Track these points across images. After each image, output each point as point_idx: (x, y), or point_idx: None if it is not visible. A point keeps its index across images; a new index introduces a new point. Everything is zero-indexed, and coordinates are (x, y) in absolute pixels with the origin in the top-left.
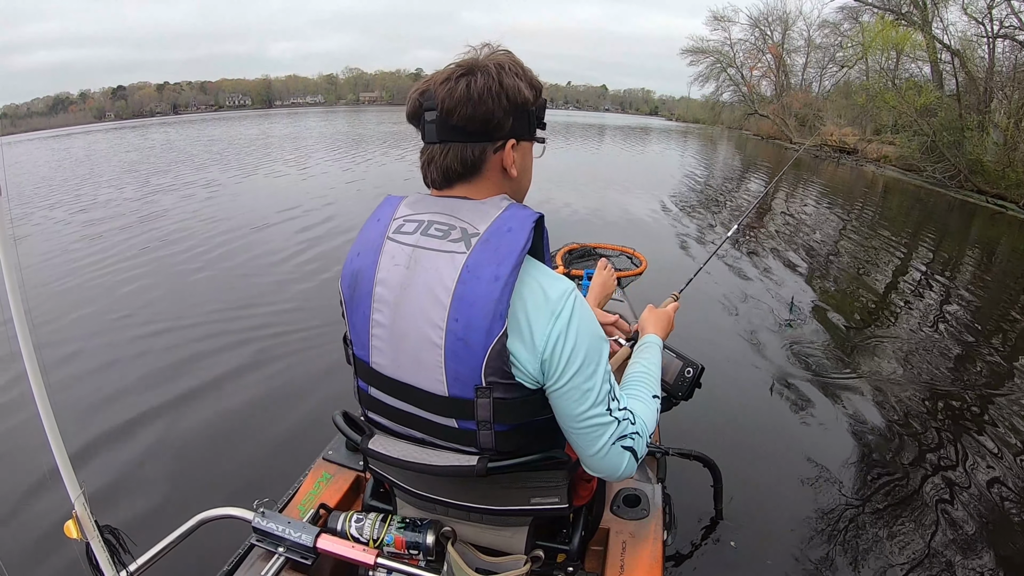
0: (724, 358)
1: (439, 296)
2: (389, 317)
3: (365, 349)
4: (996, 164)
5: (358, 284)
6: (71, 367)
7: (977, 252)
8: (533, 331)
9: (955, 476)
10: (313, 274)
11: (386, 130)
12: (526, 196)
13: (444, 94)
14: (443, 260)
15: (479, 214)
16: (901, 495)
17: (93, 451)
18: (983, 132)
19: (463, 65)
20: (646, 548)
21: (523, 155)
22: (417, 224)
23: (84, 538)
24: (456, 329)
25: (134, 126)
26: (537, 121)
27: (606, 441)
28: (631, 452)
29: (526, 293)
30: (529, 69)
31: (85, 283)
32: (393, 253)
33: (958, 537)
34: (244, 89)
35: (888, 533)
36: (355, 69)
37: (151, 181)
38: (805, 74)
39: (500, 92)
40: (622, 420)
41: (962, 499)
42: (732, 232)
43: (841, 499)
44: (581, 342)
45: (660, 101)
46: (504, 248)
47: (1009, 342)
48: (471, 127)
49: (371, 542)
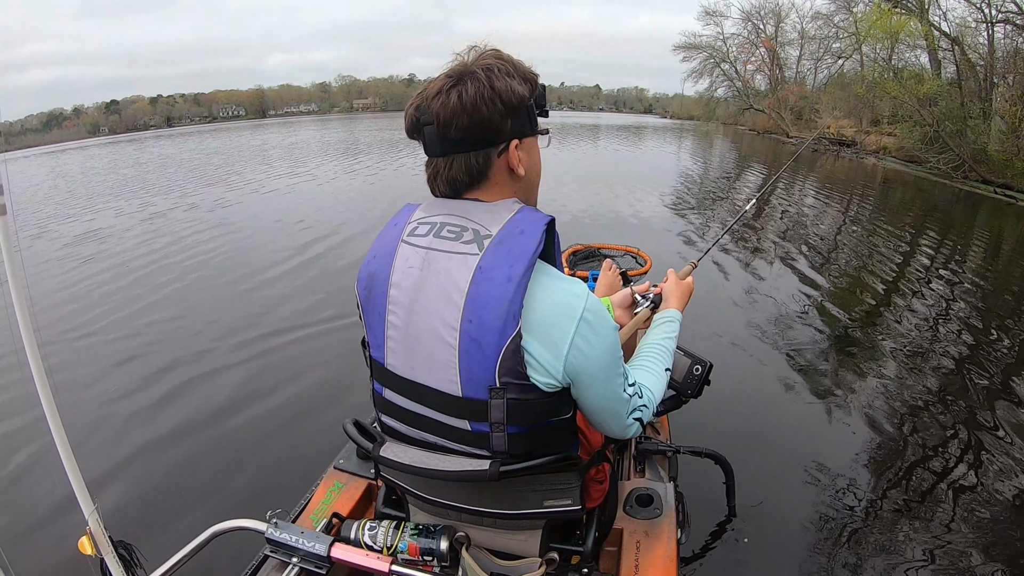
0: (732, 355)
1: (452, 297)
2: (403, 319)
3: (381, 350)
4: (1002, 153)
5: (373, 286)
6: (81, 384)
7: (984, 244)
8: (553, 334)
9: (968, 472)
10: (323, 286)
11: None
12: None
13: (438, 107)
14: (456, 261)
15: (491, 216)
16: (913, 491)
17: (105, 467)
18: (986, 120)
19: (453, 74)
20: (660, 547)
21: (528, 151)
22: (430, 226)
23: (99, 554)
24: (470, 330)
25: (129, 140)
26: (538, 111)
27: (620, 416)
28: (639, 421)
29: (542, 295)
30: (521, 63)
31: (95, 297)
32: (407, 255)
33: (972, 534)
34: (238, 100)
35: (900, 529)
36: (348, 77)
37: (150, 200)
38: (800, 67)
39: (493, 97)
40: (632, 396)
41: (976, 495)
42: (750, 206)
43: (853, 494)
44: (602, 341)
45: (654, 99)
46: (517, 250)
47: (1020, 336)
48: (471, 137)
49: (385, 550)
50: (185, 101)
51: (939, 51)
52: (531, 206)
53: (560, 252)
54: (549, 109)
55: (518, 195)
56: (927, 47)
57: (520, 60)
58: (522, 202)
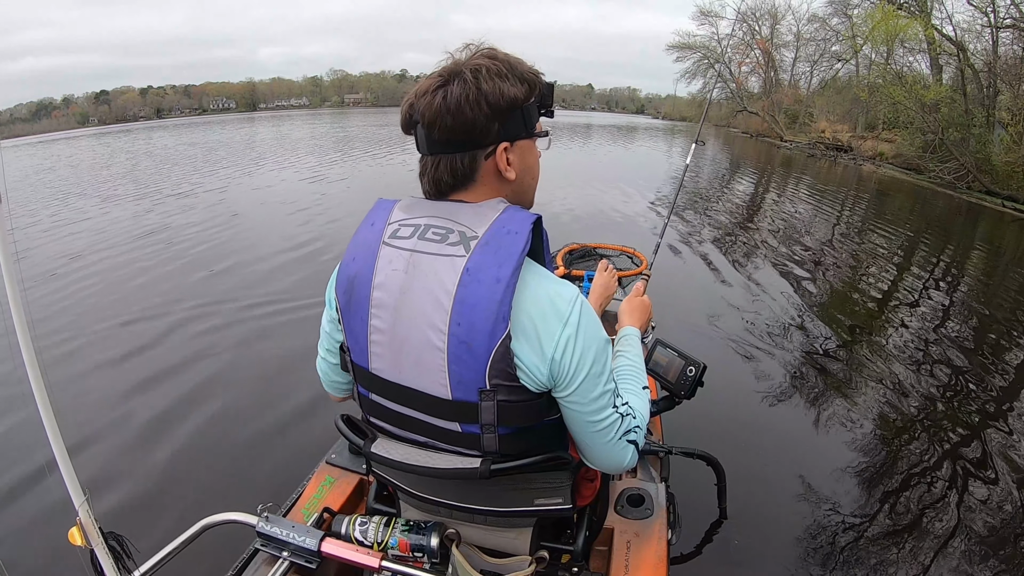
0: (726, 357)
1: (440, 300)
2: (388, 322)
3: (364, 355)
4: (1012, 164)
5: (354, 290)
6: (73, 372)
7: (986, 256)
8: (541, 336)
9: (960, 476)
10: (319, 279)
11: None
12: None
13: (424, 107)
14: (443, 264)
15: (477, 217)
16: (904, 496)
17: (96, 457)
18: (989, 129)
19: (443, 74)
20: (651, 547)
21: (521, 155)
22: (414, 228)
23: (89, 545)
24: (459, 332)
25: (119, 131)
26: (539, 113)
27: (612, 437)
28: (634, 445)
29: (531, 297)
30: (520, 63)
31: (86, 284)
32: (391, 258)
33: (964, 537)
34: (228, 93)
35: (892, 530)
36: (340, 71)
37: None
38: (795, 69)
39: (478, 98)
40: (625, 415)
41: (967, 498)
42: (674, 202)
43: (843, 498)
44: (590, 346)
45: (646, 99)
46: (504, 250)
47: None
48: (455, 138)
49: (375, 545)
50: (176, 93)
51: (941, 56)
52: (518, 206)
53: (548, 251)
54: (552, 106)
55: (508, 198)
56: (929, 52)
57: (520, 60)
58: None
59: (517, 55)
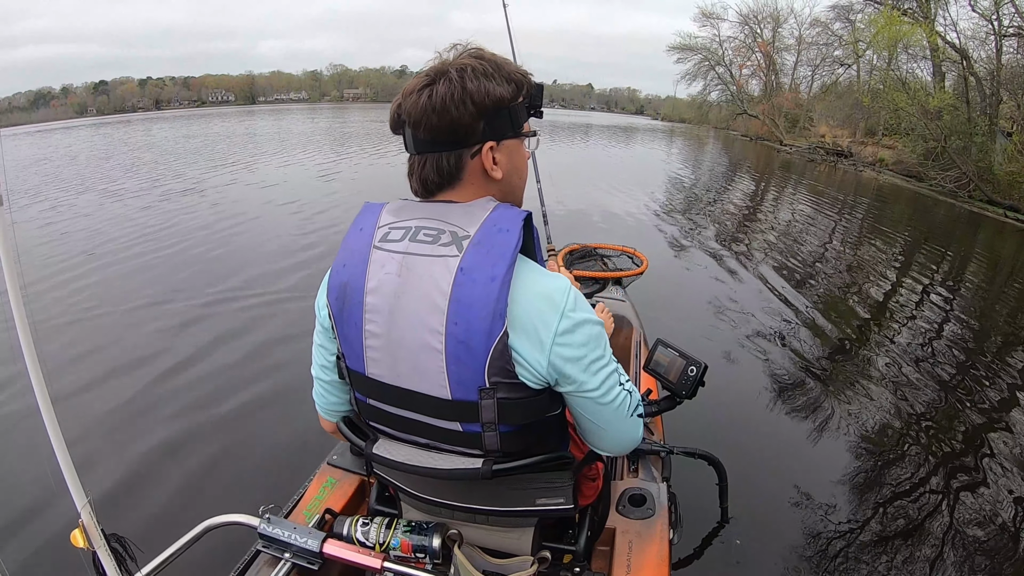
0: (727, 357)
1: (436, 301)
2: (384, 326)
3: (360, 361)
4: (1015, 174)
5: (347, 296)
6: (76, 374)
7: (988, 265)
8: (539, 329)
9: (960, 476)
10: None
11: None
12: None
13: (410, 107)
14: (436, 265)
15: (467, 216)
16: (906, 493)
17: (98, 459)
18: (991, 137)
19: (430, 73)
20: (652, 547)
21: (508, 155)
22: (404, 231)
23: (91, 547)
24: (456, 332)
25: (118, 122)
26: (527, 114)
27: (626, 413)
28: (641, 418)
29: (526, 292)
30: (507, 62)
31: (89, 288)
32: (383, 262)
33: (964, 537)
34: (227, 85)
35: (893, 530)
36: (339, 66)
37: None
38: (796, 73)
39: (463, 98)
40: (631, 391)
41: (966, 499)
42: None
43: (845, 498)
44: (588, 331)
45: (646, 100)
46: (497, 248)
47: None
48: (440, 137)
49: (377, 546)
50: (174, 84)
51: (944, 63)
52: (507, 203)
53: (540, 247)
54: (541, 107)
55: (496, 197)
56: (932, 58)
57: (507, 60)
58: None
59: (519, 52)
